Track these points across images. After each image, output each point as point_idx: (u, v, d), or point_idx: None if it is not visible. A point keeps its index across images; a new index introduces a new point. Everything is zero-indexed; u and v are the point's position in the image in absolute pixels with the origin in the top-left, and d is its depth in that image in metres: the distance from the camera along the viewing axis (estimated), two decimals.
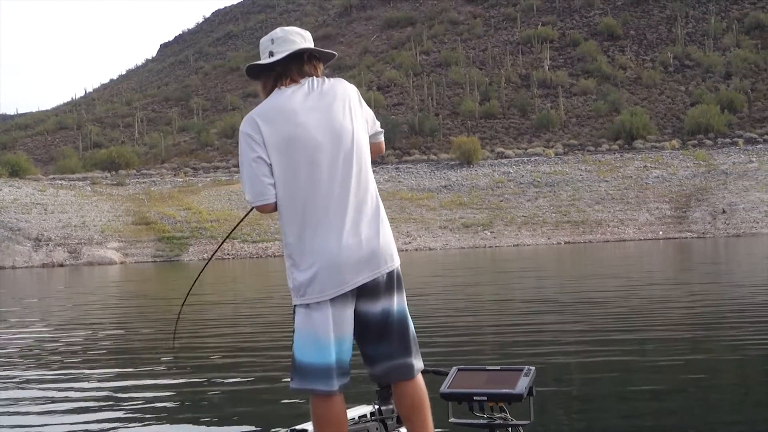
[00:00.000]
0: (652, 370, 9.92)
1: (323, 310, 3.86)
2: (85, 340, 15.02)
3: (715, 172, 65.39)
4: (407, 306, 4.03)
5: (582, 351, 11.43)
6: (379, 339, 3.95)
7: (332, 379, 3.86)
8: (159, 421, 8.10)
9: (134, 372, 11.23)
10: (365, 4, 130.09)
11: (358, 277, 3.86)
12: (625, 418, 7.56)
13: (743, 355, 10.74)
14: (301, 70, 4.04)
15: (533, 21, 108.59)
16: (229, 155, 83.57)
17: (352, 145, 3.94)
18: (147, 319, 19.21)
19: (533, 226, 59.28)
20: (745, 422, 7.30)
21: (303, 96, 3.97)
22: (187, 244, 56.65)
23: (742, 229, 56.01)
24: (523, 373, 4.19)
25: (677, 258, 37.20)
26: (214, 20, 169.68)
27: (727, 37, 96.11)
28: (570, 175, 67.32)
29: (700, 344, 11.91)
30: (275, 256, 53.53)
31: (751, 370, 9.95)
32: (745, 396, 8.64)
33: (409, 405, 3.99)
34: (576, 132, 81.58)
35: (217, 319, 18.34)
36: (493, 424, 4.15)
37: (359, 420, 4.27)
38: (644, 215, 59.91)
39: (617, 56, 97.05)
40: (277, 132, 3.90)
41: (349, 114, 3.99)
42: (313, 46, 4.13)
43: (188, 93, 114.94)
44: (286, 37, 4.06)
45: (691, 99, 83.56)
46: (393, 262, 3.96)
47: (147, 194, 67.40)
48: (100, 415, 8.33)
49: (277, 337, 14.18)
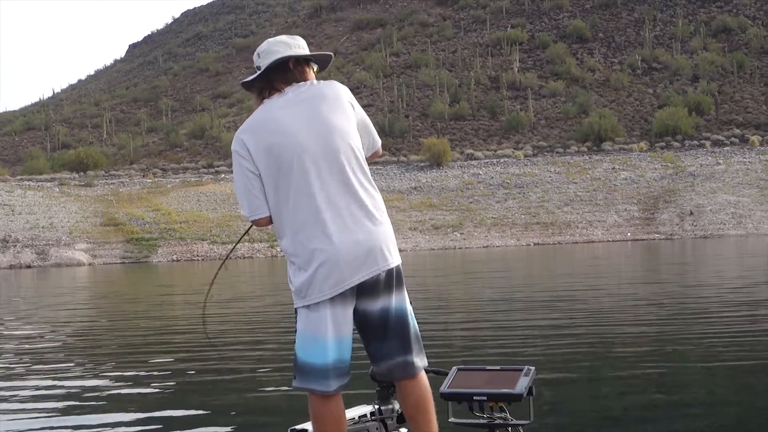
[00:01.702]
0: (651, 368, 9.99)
1: (322, 311, 3.89)
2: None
3: (683, 174, 65.88)
4: (409, 304, 4.05)
5: (579, 350, 11.49)
6: (379, 337, 3.98)
7: (329, 379, 3.89)
8: (156, 422, 8.10)
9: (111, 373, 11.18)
10: (335, 6, 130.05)
11: (357, 275, 3.88)
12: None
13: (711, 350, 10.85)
14: (285, 78, 4.10)
15: (502, 23, 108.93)
16: (198, 156, 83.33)
17: (342, 143, 3.98)
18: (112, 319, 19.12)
19: (503, 227, 59.48)
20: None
21: (285, 103, 4.03)
22: (155, 245, 56.38)
23: (710, 231, 56.45)
24: (523, 373, 4.21)
25: (646, 259, 37.43)
26: (183, 21, 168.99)
27: (695, 40, 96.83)
28: (539, 177, 67.61)
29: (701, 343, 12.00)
30: (244, 258, 53.41)
31: (714, 359, 10.06)
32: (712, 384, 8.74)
33: (413, 404, 4.02)
34: (545, 134, 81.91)
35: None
36: (493, 424, 4.16)
37: (359, 420, 4.26)
38: (613, 217, 60.25)
39: (586, 59, 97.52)
40: (260, 143, 3.97)
41: (338, 113, 4.03)
42: (306, 49, 4.19)
43: (157, 94, 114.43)
44: (269, 49, 4.12)
45: (659, 101, 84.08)
46: (392, 260, 3.97)
47: (115, 195, 67.03)
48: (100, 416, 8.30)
49: (271, 335, 14.14)
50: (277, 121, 3.99)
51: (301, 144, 3.94)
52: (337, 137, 3.98)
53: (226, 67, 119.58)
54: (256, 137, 4.00)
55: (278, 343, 13.35)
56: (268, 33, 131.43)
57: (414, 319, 4.05)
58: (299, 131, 3.96)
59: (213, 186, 68.84)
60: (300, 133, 3.96)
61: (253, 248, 55.17)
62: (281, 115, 4.00)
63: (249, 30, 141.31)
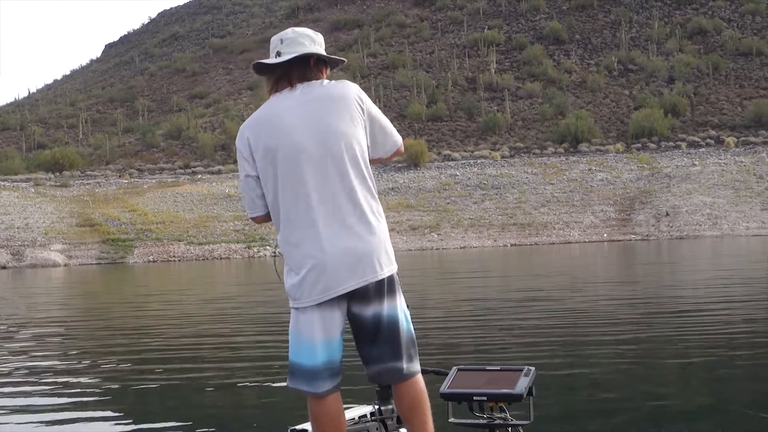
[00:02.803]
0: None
1: (310, 313, 3.88)
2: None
3: (659, 175, 66.17)
4: (404, 309, 4.00)
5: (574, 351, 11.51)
6: (370, 342, 3.94)
7: (318, 381, 3.88)
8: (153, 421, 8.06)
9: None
10: (312, 6, 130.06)
11: (344, 284, 3.85)
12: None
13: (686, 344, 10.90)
14: (303, 74, 4.04)
15: (480, 24, 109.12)
16: (175, 157, 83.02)
17: (342, 147, 3.93)
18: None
19: (480, 228, 59.56)
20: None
21: (293, 101, 3.98)
22: (132, 246, 56.12)
23: (685, 232, 56.71)
24: (523, 373, 4.22)
25: (622, 259, 37.57)
26: (159, 21, 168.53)
27: (670, 42, 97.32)
28: (516, 178, 67.76)
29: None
30: (221, 258, 53.26)
31: (692, 354, 10.10)
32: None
33: (407, 406, 3.99)
34: (522, 135, 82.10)
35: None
36: (493, 424, 4.17)
37: (359, 420, 4.26)
38: (589, 218, 60.43)
39: (562, 60, 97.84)
40: (261, 140, 3.94)
41: (342, 116, 3.97)
42: (324, 49, 4.13)
43: (133, 94, 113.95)
44: (296, 39, 4.05)
45: (635, 103, 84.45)
46: (382, 271, 3.92)
47: (91, 196, 66.69)
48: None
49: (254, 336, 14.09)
50: (281, 119, 3.95)
51: (300, 146, 3.90)
52: (337, 141, 3.93)
53: (202, 68, 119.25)
54: (257, 135, 3.97)
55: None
56: (245, 33, 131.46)
57: (409, 323, 4.01)
58: (299, 132, 3.92)
59: (189, 187, 68.62)
60: (300, 135, 3.91)
61: (230, 249, 55.02)
62: (285, 114, 3.95)
63: (226, 30, 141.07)
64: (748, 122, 78.11)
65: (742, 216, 58.36)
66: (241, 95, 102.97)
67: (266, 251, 54.15)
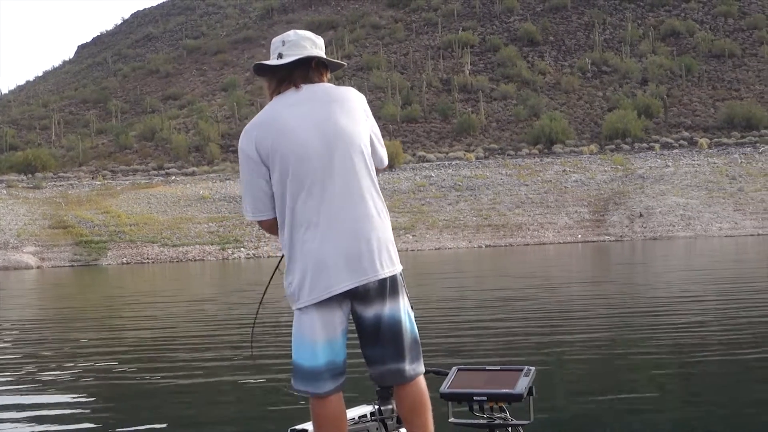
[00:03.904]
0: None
1: (311, 314, 3.89)
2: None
3: (633, 176, 66.44)
4: (408, 311, 4.01)
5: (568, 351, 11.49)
6: (372, 342, 3.96)
7: (320, 381, 3.90)
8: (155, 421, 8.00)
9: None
10: (287, 8, 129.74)
11: (343, 282, 3.86)
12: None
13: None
14: (305, 76, 4.05)
15: (454, 26, 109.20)
16: (149, 158, 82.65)
17: (348, 146, 3.94)
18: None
19: (454, 229, 59.59)
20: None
21: (296, 101, 3.98)
22: (105, 248, 55.80)
23: (659, 233, 56.96)
24: (523, 373, 4.23)
25: (597, 260, 37.70)
26: (133, 22, 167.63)
27: (644, 43, 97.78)
28: (491, 179, 67.85)
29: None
30: (195, 260, 53.07)
31: (661, 353, 10.12)
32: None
33: (408, 408, 4.00)
34: (496, 136, 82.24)
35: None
36: (493, 424, 4.18)
37: (359, 420, 4.26)
38: (563, 219, 60.58)
39: (537, 62, 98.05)
40: (267, 141, 3.93)
41: (348, 116, 3.98)
42: (324, 52, 4.15)
43: (106, 95, 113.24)
44: (298, 42, 4.06)
45: (609, 104, 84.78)
46: (383, 270, 3.94)
47: (64, 197, 66.27)
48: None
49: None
50: (284, 119, 3.95)
51: (305, 145, 3.91)
52: (343, 140, 3.94)
53: (176, 69, 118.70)
54: (262, 135, 3.96)
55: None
56: (219, 34, 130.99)
57: (413, 325, 4.01)
58: (304, 132, 3.93)
59: (163, 188, 68.33)
60: (305, 134, 3.92)
61: (204, 251, 54.82)
62: (289, 114, 3.96)
63: (200, 31, 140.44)
64: (720, 124, 78.60)
65: (715, 217, 58.68)
66: (215, 96, 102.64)
67: (241, 253, 54.00)
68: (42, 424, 8.16)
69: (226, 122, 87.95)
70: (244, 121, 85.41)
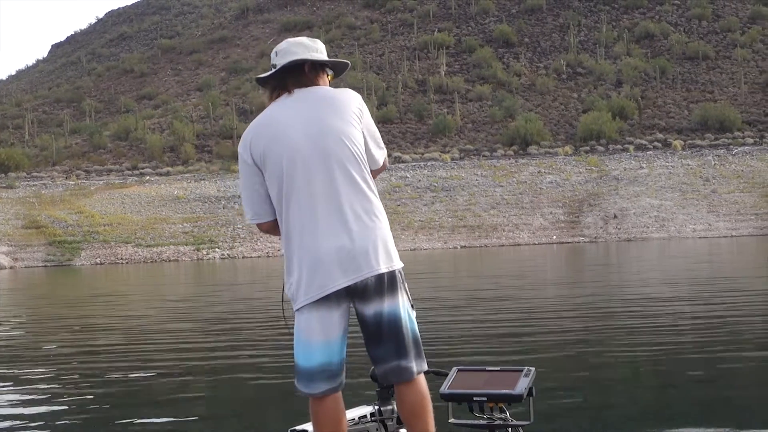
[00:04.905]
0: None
1: (309, 315, 3.93)
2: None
3: (607, 177, 66.71)
4: (408, 308, 4.04)
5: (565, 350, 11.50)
6: (374, 340, 4.00)
7: (315, 382, 3.94)
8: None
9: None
10: (262, 8, 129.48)
11: (339, 279, 3.90)
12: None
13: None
14: (298, 80, 4.12)
15: (430, 27, 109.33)
16: (123, 158, 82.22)
17: (338, 146, 3.99)
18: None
19: (430, 230, 59.65)
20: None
21: (291, 104, 4.05)
22: (79, 248, 55.51)
23: (633, 234, 57.22)
24: (523, 373, 4.24)
25: (571, 261, 37.82)
26: (107, 21, 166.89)
27: (618, 45, 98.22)
28: (466, 180, 67.95)
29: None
30: (170, 261, 52.88)
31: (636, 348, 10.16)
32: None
33: (409, 408, 4.02)
34: (472, 137, 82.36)
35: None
36: (493, 424, 4.19)
37: (359, 420, 4.27)
38: (538, 220, 60.76)
39: (512, 63, 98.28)
40: (262, 144, 4.01)
41: (339, 116, 4.03)
42: (324, 54, 4.22)
43: (80, 94, 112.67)
44: (288, 49, 4.14)
45: (584, 106, 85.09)
46: (380, 266, 3.96)
47: (38, 197, 65.86)
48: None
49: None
50: (277, 122, 4.03)
51: (296, 146, 3.97)
52: (333, 139, 3.99)
53: (151, 68, 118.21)
54: (257, 139, 4.03)
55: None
56: (194, 34, 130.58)
57: (414, 323, 4.05)
58: (295, 132, 3.99)
59: (137, 188, 68.03)
60: (295, 135, 3.98)
61: (178, 251, 54.63)
62: (281, 117, 4.03)
63: (174, 31, 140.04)
64: (694, 125, 79.04)
65: (689, 218, 59.01)
66: (190, 96, 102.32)
67: (215, 253, 53.86)
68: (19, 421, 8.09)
69: (201, 122, 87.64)
70: (219, 121, 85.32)
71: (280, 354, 11.59)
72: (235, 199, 60.78)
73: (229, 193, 63.11)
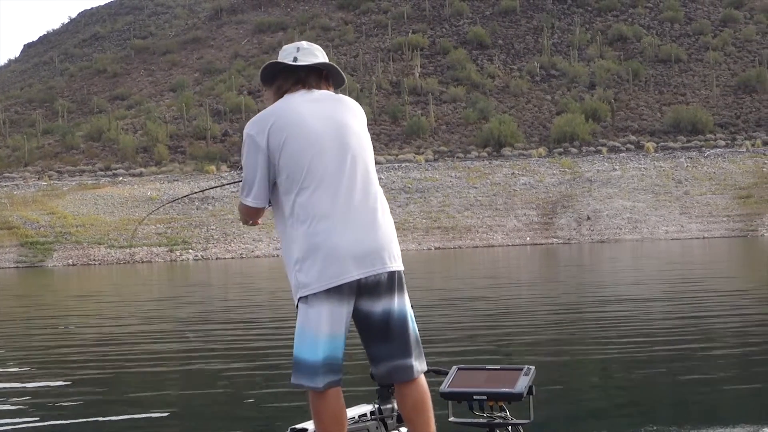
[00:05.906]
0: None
1: (318, 306, 3.95)
2: None
3: (580, 179, 66.93)
4: (410, 308, 4.10)
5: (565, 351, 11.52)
6: (380, 339, 4.03)
7: (318, 376, 3.95)
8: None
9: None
10: (236, 8, 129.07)
11: (357, 270, 3.96)
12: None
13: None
14: (317, 82, 4.28)
15: (404, 28, 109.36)
16: (96, 159, 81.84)
17: (357, 144, 4.13)
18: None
19: (404, 231, 59.60)
20: None
21: (310, 99, 4.17)
22: (51, 249, 55.15)
23: (606, 235, 57.46)
24: (523, 372, 4.28)
25: (545, 262, 37.95)
26: (80, 21, 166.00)
27: (592, 48, 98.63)
28: (440, 182, 68.01)
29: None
30: (143, 262, 52.65)
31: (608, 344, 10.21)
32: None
33: (410, 407, 4.05)
34: (446, 139, 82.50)
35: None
36: (493, 423, 4.22)
37: (359, 419, 4.29)
38: (512, 221, 60.90)
39: (486, 65, 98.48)
40: (282, 131, 4.06)
41: (357, 122, 4.22)
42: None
43: (53, 95, 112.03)
44: (311, 50, 4.32)
45: (557, 108, 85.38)
46: (394, 263, 4.06)
47: (9, 198, 65.40)
48: None
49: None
50: (299, 114, 4.10)
51: (319, 138, 4.06)
52: (353, 138, 4.13)
53: (124, 69, 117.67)
54: (278, 126, 4.07)
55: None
56: (168, 35, 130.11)
57: (414, 323, 4.10)
58: (318, 126, 4.08)
59: (110, 189, 67.67)
60: (319, 128, 4.08)
61: (152, 252, 54.39)
62: (303, 109, 4.11)
63: (148, 31, 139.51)
64: (666, 128, 79.53)
65: (661, 220, 59.32)
66: (164, 97, 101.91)
67: (189, 255, 53.68)
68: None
69: (175, 123, 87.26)
70: (192, 122, 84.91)
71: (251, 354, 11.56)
72: (208, 200, 60.59)
73: (202, 194, 62.88)
